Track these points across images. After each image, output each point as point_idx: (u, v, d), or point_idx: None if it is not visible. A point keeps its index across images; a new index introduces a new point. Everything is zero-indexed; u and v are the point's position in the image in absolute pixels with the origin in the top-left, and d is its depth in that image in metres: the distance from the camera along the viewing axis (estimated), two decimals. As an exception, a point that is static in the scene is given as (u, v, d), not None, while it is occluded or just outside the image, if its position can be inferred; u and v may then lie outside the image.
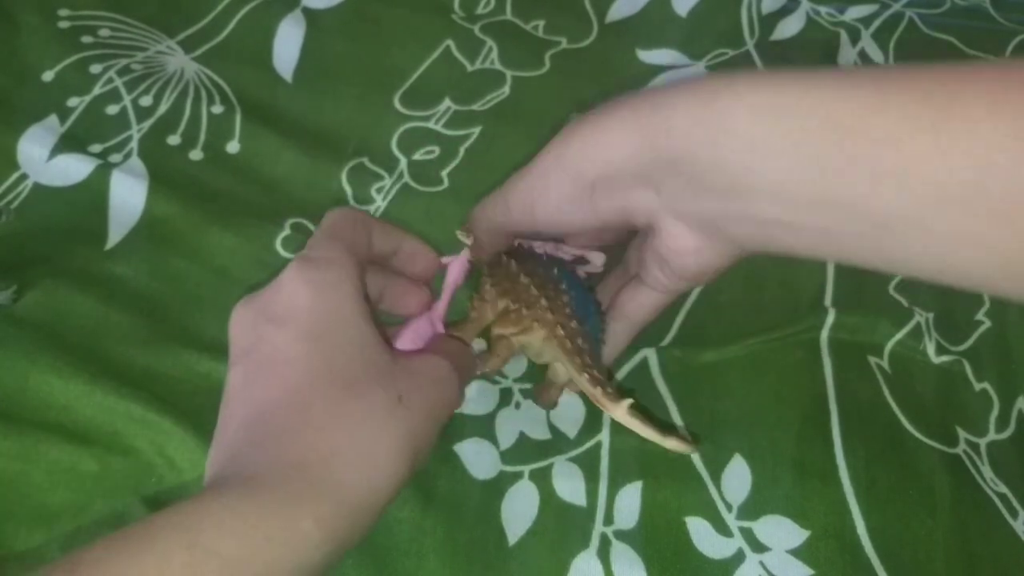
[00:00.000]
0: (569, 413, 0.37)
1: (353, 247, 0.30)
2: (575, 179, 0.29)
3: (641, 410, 0.30)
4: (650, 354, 0.38)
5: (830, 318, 0.38)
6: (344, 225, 0.31)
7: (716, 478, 0.35)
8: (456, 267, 0.35)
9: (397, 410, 0.27)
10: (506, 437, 0.36)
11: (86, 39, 0.50)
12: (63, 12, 0.51)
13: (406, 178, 0.45)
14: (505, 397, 0.37)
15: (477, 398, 0.37)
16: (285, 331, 0.27)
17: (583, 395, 0.37)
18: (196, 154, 0.46)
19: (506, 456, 0.35)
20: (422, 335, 0.34)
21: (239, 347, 0.28)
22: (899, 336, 0.38)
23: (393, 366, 0.28)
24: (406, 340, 0.33)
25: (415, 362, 0.30)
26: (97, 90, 0.48)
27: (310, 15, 0.53)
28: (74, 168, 0.44)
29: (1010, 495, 0.35)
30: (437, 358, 0.31)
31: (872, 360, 0.38)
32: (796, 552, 0.33)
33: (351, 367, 0.27)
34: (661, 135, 0.27)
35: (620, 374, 0.38)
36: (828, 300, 0.40)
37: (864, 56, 0.51)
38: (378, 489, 0.26)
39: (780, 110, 0.24)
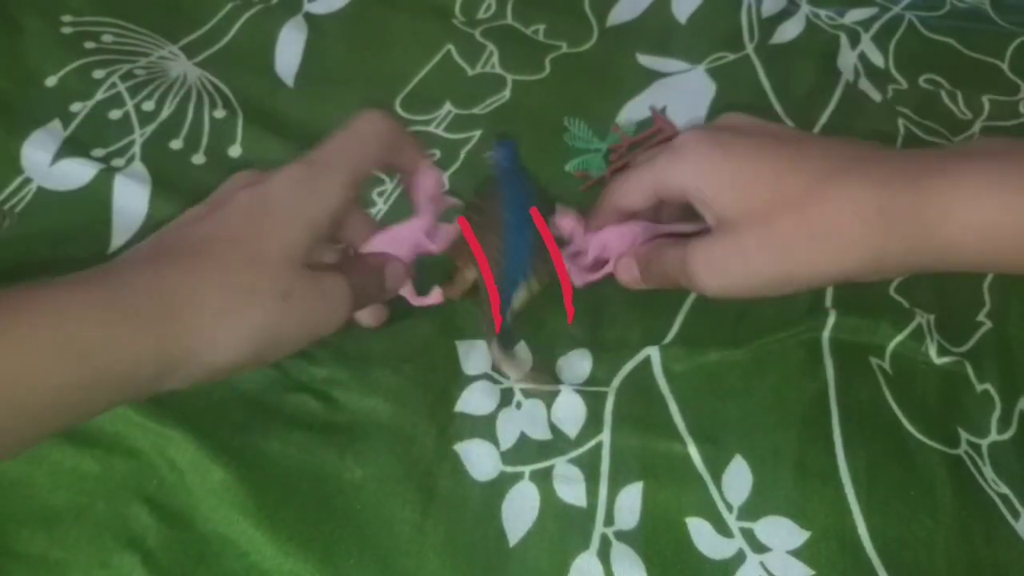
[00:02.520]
0: (570, 414, 0.37)
1: (359, 165, 0.32)
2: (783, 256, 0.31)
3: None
4: (652, 353, 0.38)
5: (831, 319, 0.38)
6: (367, 138, 0.33)
7: (717, 479, 0.35)
8: (428, 182, 0.36)
9: (274, 301, 0.29)
10: (507, 438, 0.36)
11: (89, 45, 0.50)
12: (66, 18, 0.51)
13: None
14: (506, 397, 0.37)
15: (479, 399, 0.37)
16: (248, 194, 0.31)
17: (583, 396, 0.37)
18: (198, 158, 0.46)
19: (507, 457, 0.36)
20: (401, 240, 0.35)
21: (217, 197, 0.32)
22: (900, 337, 0.38)
23: (299, 273, 0.30)
24: (384, 241, 0.35)
25: (320, 276, 0.31)
26: (100, 95, 0.48)
27: (312, 20, 0.53)
28: (77, 172, 0.44)
29: (1012, 496, 0.35)
30: (340, 280, 0.32)
31: (873, 361, 0.38)
32: (797, 553, 0.33)
33: (267, 251, 0.30)
34: (896, 262, 0.30)
35: (622, 373, 0.38)
36: (829, 301, 0.40)
37: (864, 59, 0.51)
38: (218, 349, 0.28)
39: (1003, 229, 0.28)
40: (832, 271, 0.31)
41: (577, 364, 0.38)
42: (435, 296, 0.37)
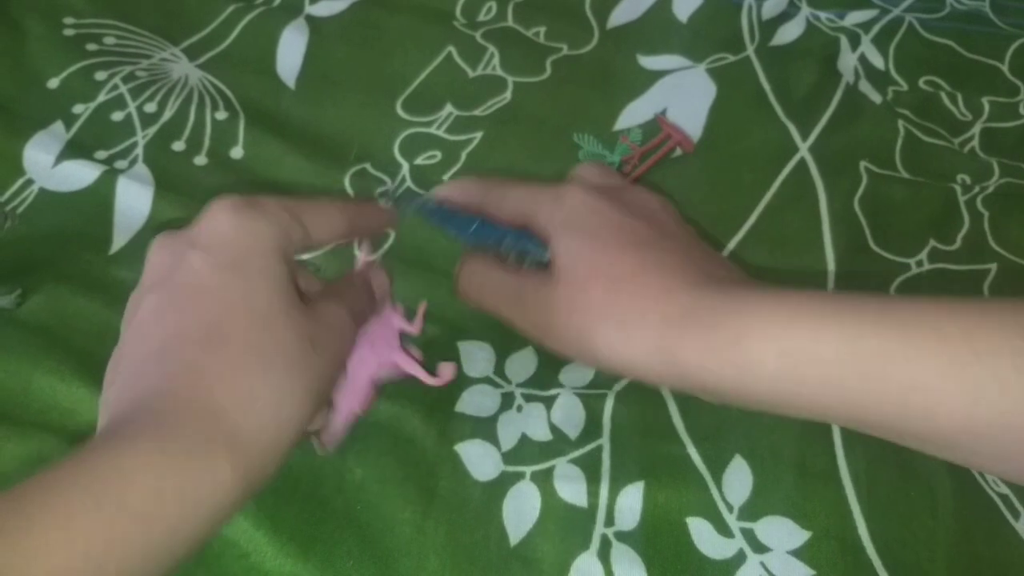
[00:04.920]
0: (570, 415, 0.37)
1: (302, 219, 0.30)
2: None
3: None
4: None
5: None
6: (311, 207, 0.31)
7: (717, 479, 0.35)
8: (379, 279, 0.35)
9: (309, 355, 0.27)
10: (508, 438, 0.36)
11: (91, 47, 0.50)
12: (68, 20, 0.52)
13: (408, 182, 0.46)
14: (507, 400, 0.37)
15: (479, 401, 0.37)
16: (206, 258, 0.27)
17: (582, 398, 0.37)
18: (200, 159, 0.46)
19: (508, 457, 0.36)
20: (382, 335, 0.34)
21: (156, 274, 0.28)
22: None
23: (304, 310, 0.28)
24: (364, 346, 0.33)
25: (320, 309, 0.29)
26: (102, 97, 0.48)
27: (313, 23, 0.53)
28: (79, 174, 0.45)
29: (1012, 496, 0.35)
30: (337, 307, 0.30)
31: (873, 362, 0.38)
32: (797, 553, 0.33)
33: (267, 306, 0.27)
34: (688, 369, 0.27)
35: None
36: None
37: (864, 61, 0.51)
38: (287, 430, 0.26)
39: (810, 356, 0.25)
40: (618, 359, 0.29)
41: (581, 367, 0.38)
42: (447, 372, 0.34)
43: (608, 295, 0.29)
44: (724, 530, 0.34)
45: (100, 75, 0.49)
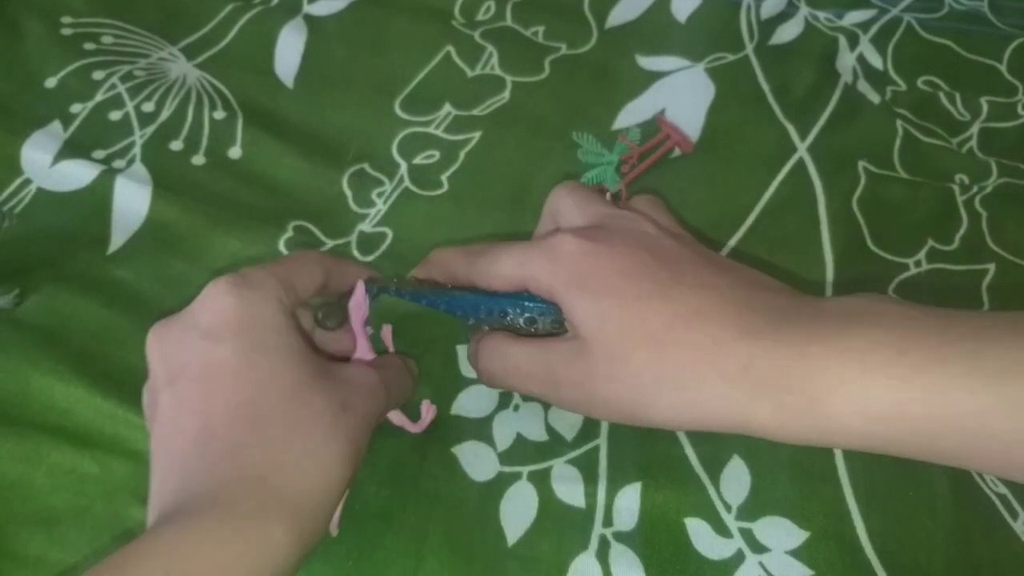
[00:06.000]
0: (567, 416, 0.37)
1: (289, 281, 0.30)
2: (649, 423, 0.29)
3: None
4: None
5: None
6: (291, 264, 0.31)
7: (715, 479, 0.35)
8: (358, 305, 0.34)
9: (341, 416, 0.28)
10: (503, 439, 0.36)
11: (89, 46, 0.50)
12: (66, 19, 0.51)
13: (407, 182, 0.46)
14: (504, 400, 0.37)
15: (475, 402, 0.37)
16: (223, 344, 0.28)
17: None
18: (198, 159, 0.46)
19: (504, 457, 0.36)
20: None
21: (167, 371, 0.28)
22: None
23: (330, 374, 0.29)
24: None
25: (347, 371, 0.31)
26: (100, 96, 0.48)
27: (311, 22, 0.53)
28: (77, 174, 0.44)
29: (1010, 496, 0.35)
30: (366, 368, 0.31)
31: (871, 362, 0.38)
32: (796, 553, 0.33)
33: (293, 376, 0.28)
34: (766, 429, 0.27)
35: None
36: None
37: (863, 60, 0.51)
38: (332, 490, 0.27)
39: (896, 414, 0.25)
40: (682, 422, 0.28)
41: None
42: (429, 412, 0.36)
43: (653, 358, 0.28)
44: (722, 530, 0.34)
45: (98, 74, 0.49)
